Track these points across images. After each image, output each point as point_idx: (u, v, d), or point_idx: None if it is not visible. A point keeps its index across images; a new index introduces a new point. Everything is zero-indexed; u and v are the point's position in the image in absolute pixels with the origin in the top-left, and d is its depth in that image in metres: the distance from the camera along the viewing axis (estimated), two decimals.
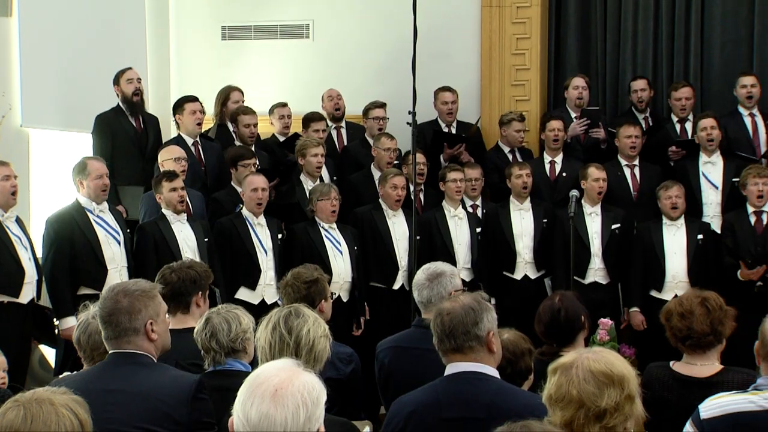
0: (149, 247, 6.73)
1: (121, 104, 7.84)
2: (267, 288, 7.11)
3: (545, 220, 7.85)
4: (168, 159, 7.24)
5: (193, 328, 4.16)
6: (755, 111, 8.29)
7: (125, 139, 7.80)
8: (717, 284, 6.38)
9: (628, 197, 8.04)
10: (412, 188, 7.41)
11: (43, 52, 7.97)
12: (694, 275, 7.40)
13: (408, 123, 6.81)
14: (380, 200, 7.73)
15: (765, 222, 6.85)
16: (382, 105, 8.69)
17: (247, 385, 2.45)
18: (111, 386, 3.45)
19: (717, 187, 7.92)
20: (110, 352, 3.60)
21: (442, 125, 8.76)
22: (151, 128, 7.99)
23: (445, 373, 3.52)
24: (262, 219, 7.19)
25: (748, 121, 8.30)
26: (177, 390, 3.45)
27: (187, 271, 4.64)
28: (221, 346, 3.90)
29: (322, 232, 7.34)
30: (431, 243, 7.66)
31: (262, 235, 7.16)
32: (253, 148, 8.02)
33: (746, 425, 3.14)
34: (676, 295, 6.23)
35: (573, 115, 8.61)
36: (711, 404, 3.26)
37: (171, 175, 6.90)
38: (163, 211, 6.85)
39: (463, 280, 7.26)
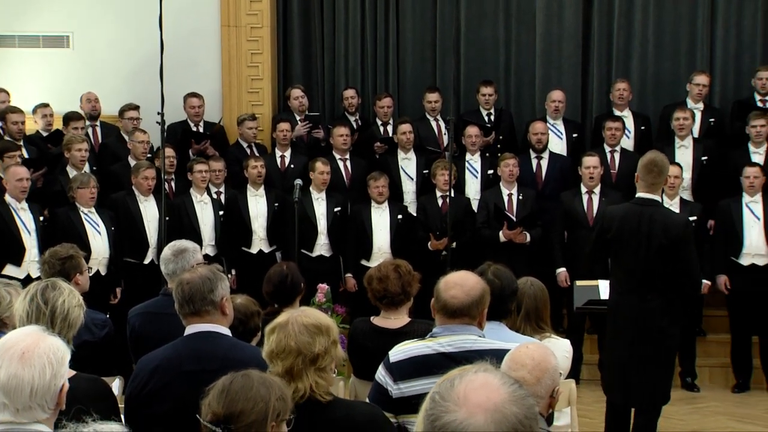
0: None
1: None
2: (31, 264, 6.73)
3: (276, 204, 7.86)
4: None
5: None
6: (439, 117, 8.66)
7: None
8: (412, 254, 6.67)
9: (342, 184, 8.18)
10: (163, 177, 7.21)
11: None
12: (395, 248, 7.66)
13: (158, 122, 6.64)
14: (133, 188, 7.47)
15: (449, 204, 7.19)
16: (136, 107, 8.41)
17: None
18: None
19: (412, 178, 8.21)
20: None
21: (191, 125, 8.57)
22: None
23: (185, 334, 3.42)
24: (24, 204, 6.81)
25: (434, 125, 8.67)
26: None
27: None
28: None
29: (82, 215, 7.04)
30: (180, 224, 7.48)
31: (25, 218, 6.80)
32: (21, 143, 7.58)
33: (424, 365, 3.24)
34: None
35: (298, 118, 8.66)
36: (398, 350, 3.34)
37: None
38: None
39: (208, 255, 7.24)
